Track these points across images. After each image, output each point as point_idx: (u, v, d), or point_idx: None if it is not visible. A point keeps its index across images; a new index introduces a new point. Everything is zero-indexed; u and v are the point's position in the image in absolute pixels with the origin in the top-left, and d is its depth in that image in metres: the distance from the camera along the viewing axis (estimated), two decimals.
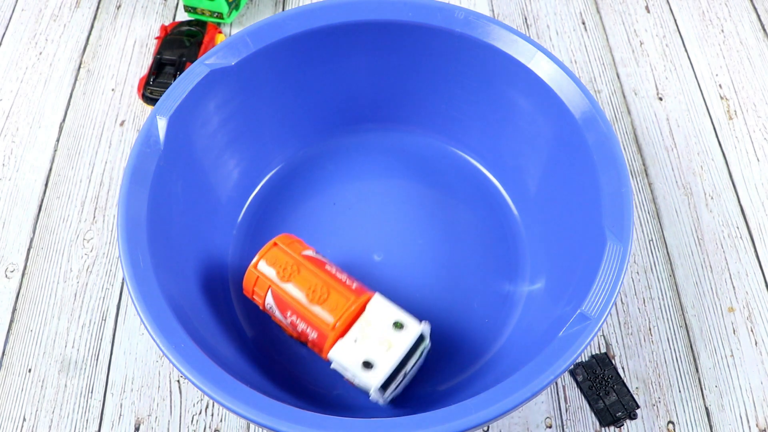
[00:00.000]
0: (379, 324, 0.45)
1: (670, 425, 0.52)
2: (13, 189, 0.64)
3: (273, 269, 0.48)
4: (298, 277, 0.47)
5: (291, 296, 0.47)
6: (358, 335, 0.45)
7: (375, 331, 0.45)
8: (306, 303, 0.46)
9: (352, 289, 0.47)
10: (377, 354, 0.44)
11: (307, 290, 0.47)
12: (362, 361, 0.44)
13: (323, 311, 0.46)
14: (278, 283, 0.48)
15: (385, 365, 0.44)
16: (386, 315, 0.45)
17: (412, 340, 0.45)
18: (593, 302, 0.42)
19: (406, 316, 0.46)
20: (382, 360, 0.44)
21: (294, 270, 0.48)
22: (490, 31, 0.53)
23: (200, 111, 0.52)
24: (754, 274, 0.59)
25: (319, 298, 0.46)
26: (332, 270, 0.49)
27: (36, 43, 0.74)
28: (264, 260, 0.49)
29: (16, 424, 0.52)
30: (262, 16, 0.76)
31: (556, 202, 0.55)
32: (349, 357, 0.44)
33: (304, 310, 0.47)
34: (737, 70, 0.72)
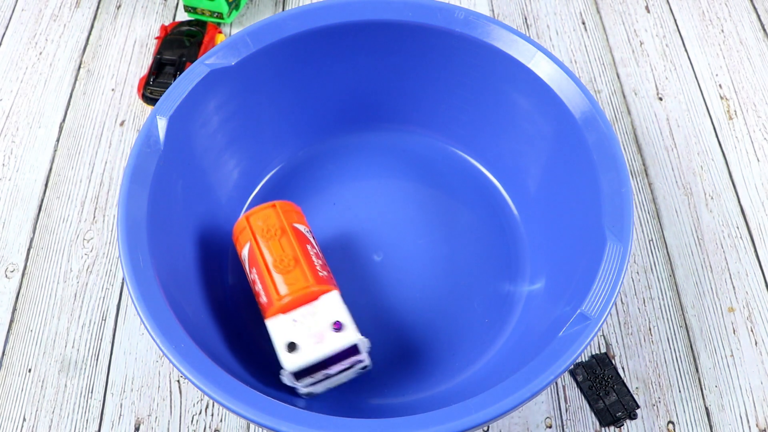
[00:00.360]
0: (323, 317, 0.46)
1: (670, 425, 0.52)
2: (13, 189, 0.64)
3: (260, 226, 0.49)
4: (276, 242, 0.48)
5: (262, 256, 0.48)
6: (299, 318, 0.46)
7: (315, 322, 0.45)
8: (271, 268, 0.47)
9: (318, 275, 0.48)
10: (306, 343, 0.45)
11: (277, 257, 0.47)
12: (289, 342, 0.45)
13: (281, 281, 0.47)
14: (258, 241, 0.49)
15: (306, 356, 0.44)
16: (333, 313, 0.46)
17: (343, 346, 0.45)
18: (593, 302, 0.42)
19: (350, 322, 0.46)
20: (306, 350, 0.45)
21: (276, 234, 0.48)
22: (490, 31, 0.53)
23: (200, 111, 0.52)
24: (754, 274, 0.59)
25: (284, 269, 0.47)
26: (311, 251, 0.49)
27: (36, 43, 0.74)
28: (257, 216, 0.50)
29: (16, 424, 0.52)
30: (262, 16, 0.76)
31: (556, 202, 0.55)
32: (281, 333, 0.45)
33: (267, 273, 0.47)
34: (737, 70, 0.72)
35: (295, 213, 0.51)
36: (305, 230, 0.51)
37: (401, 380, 0.52)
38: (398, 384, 0.52)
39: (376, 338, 0.54)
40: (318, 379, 0.46)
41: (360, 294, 0.56)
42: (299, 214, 0.52)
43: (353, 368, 0.48)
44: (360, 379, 0.52)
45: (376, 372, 0.53)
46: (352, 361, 0.47)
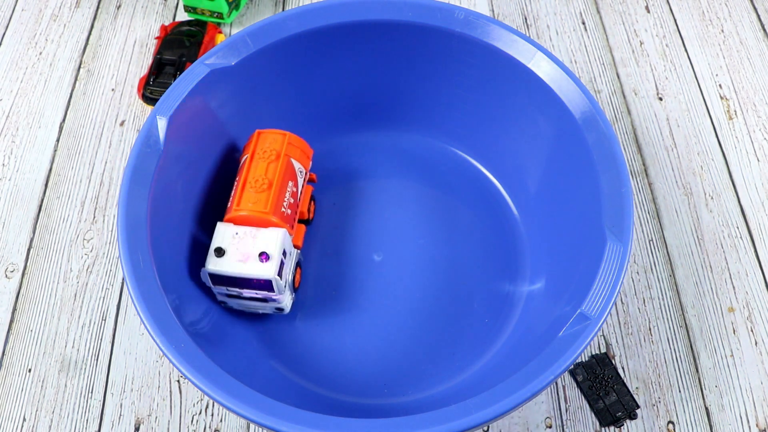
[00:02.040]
0: (258, 244, 0.49)
1: (670, 425, 0.52)
2: (13, 189, 0.64)
3: (262, 146, 0.53)
4: (264, 163, 0.51)
5: (247, 169, 0.52)
6: (241, 234, 0.50)
7: (250, 245, 0.49)
8: (247, 181, 0.51)
9: (279, 209, 0.51)
10: (232, 256, 0.49)
11: (258, 176, 0.51)
12: (219, 247, 0.49)
13: (246, 197, 0.50)
14: (253, 156, 0.52)
15: (224, 266, 0.48)
16: (268, 245, 0.49)
17: (257, 275, 0.48)
18: (593, 302, 0.42)
19: (276, 261, 0.49)
20: (228, 261, 0.49)
21: (269, 158, 0.52)
22: (490, 31, 0.53)
23: (200, 111, 0.52)
24: (754, 274, 0.59)
25: (256, 188, 0.50)
26: (290, 188, 0.52)
27: (36, 43, 0.74)
28: (265, 135, 0.53)
29: (16, 424, 0.52)
30: (262, 16, 0.76)
31: (556, 202, 0.55)
32: (220, 237, 0.50)
33: (241, 184, 0.51)
34: (737, 70, 0.72)
35: (300, 150, 0.54)
36: (300, 169, 0.53)
37: (401, 380, 0.52)
38: (398, 384, 0.52)
39: (376, 338, 0.54)
40: (232, 294, 0.51)
41: (360, 294, 0.56)
42: (304, 153, 0.54)
43: (268, 303, 0.51)
44: (360, 379, 0.52)
45: (377, 372, 0.53)
46: (266, 295, 0.50)
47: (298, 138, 0.54)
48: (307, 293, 0.56)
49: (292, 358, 0.53)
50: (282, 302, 0.51)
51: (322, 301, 0.56)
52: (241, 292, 0.50)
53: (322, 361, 0.53)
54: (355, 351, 0.54)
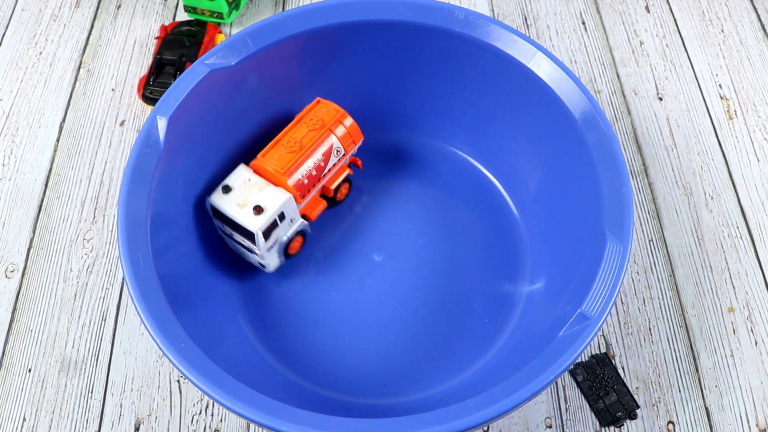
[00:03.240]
0: (259, 198, 0.51)
1: (670, 425, 0.52)
2: (13, 189, 0.64)
3: (316, 113, 0.55)
4: (306, 130, 0.54)
5: (290, 128, 0.54)
6: (253, 181, 0.52)
7: (254, 195, 0.52)
8: (284, 138, 0.54)
9: (295, 175, 0.53)
10: (234, 197, 0.52)
11: (294, 137, 0.53)
12: (226, 185, 0.52)
13: (274, 151, 0.53)
14: (302, 118, 0.55)
15: (222, 203, 0.52)
16: (269, 202, 0.51)
17: (242, 222, 0.51)
18: (593, 302, 0.42)
19: (268, 217, 0.51)
20: (228, 201, 0.52)
21: (315, 126, 0.54)
22: (490, 31, 0.53)
23: (200, 111, 0.52)
24: (754, 274, 0.59)
25: (286, 147, 0.53)
26: (317, 161, 0.54)
27: (36, 43, 0.74)
28: (324, 106, 0.55)
29: (16, 424, 0.52)
30: (262, 16, 0.76)
31: (556, 202, 0.55)
32: (234, 177, 0.53)
33: (277, 139, 0.54)
34: (737, 70, 0.72)
35: (348, 132, 0.55)
36: (338, 147, 0.54)
37: (401, 380, 0.52)
38: (398, 384, 0.52)
39: (376, 338, 0.54)
40: (226, 233, 0.54)
41: (360, 294, 0.56)
42: (350, 136, 0.56)
43: (252, 255, 0.54)
44: (360, 379, 0.52)
45: (377, 372, 0.53)
46: (249, 246, 0.52)
47: (351, 121, 0.56)
48: (307, 293, 0.56)
49: (292, 358, 0.53)
50: (264, 259, 0.53)
51: (322, 301, 0.56)
52: (232, 233, 0.53)
53: (322, 361, 0.53)
54: (354, 351, 0.54)
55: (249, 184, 0.52)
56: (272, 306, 0.55)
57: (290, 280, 0.57)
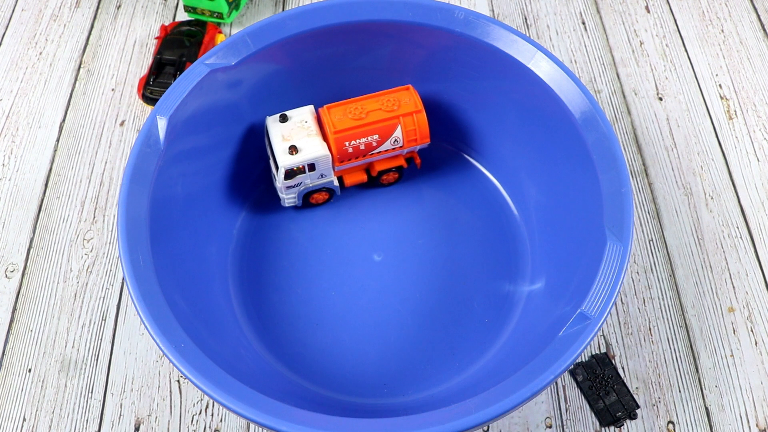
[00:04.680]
0: (302, 141, 0.54)
1: (670, 425, 0.52)
2: (13, 189, 0.64)
3: (397, 97, 0.56)
4: (378, 105, 0.55)
5: (366, 98, 0.56)
6: (307, 126, 0.55)
7: (300, 136, 0.55)
8: (355, 104, 0.55)
9: (343, 142, 0.54)
10: (285, 129, 0.55)
11: (364, 108, 0.55)
12: (284, 115, 0.56)
13: (341, 110, 0.55)
14: (381, 95, 0.56)
15: (273, 129, 0.55)
16: (305, 148, 0.54)
17: (277, 151, 0.54)
18: (593, 302, 0.42)
19: (293, 160, 0.54)
20: (278, 128, 0.55)
21: (387, 108, 0.55)
22: (490, 31, 0.53)
23: (200, 111, 0.52)
24: (754, 274, 0.59)
25: (352, 114, 0.55)
26: (371, 140, 0.55)
27: (36, 43, 0.74)
28: (408, 94, 0.56)
29: (16, 424, 0.52)
30: (262, 16, 0.76)
31: (557, 202, 0.55)
32: (297, 111, 0.56)
33: (348, 102, 0.56)
34: (737, 70, 0.72)
35: (416, 128, 0.56)
36: (398, 137, 0.56)
37: (401, 380, 0.52)
38: (398, 384, 0.52)
39: (376, 338, 0.54)
40: (269, 153, 0.57)
41: (360, 294, 0.56)
42: (415, 132, 0.56)
43: (275, 180, 0.56)
44: (360, 379, 0.52)
45: (376, 372, 0.53)
46: (275, 173, 0.56)
47: (424, 120, 0.56)
48: (307, 293, 0.56)
49: (292, 358, 0.53)
50: (282, 192, 0.57)
51: (322, 301, 0.56)
52: (270, 156, 0.56)
53: (322, 361, 0.53)
54: (354, 351, 0.54)
55: (303, 125, 0.55)
56: (272, 306, 0.55)
57: (290, 279, 0.57)
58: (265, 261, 0.58)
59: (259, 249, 0.58)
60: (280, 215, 0.60)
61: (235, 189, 0.59)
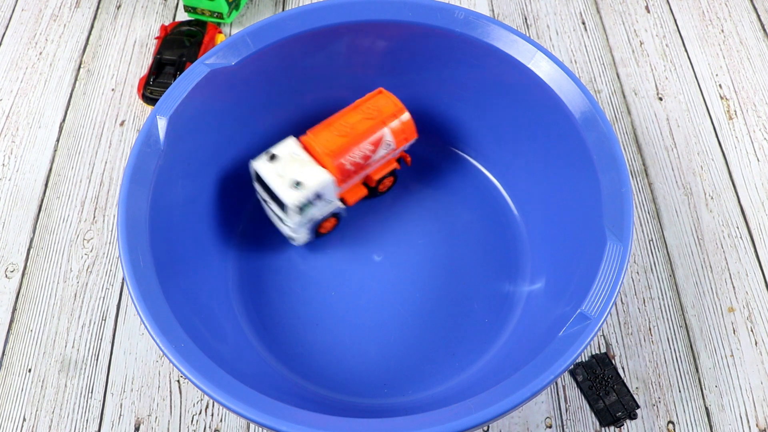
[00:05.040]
0: (301, 173, 0.52)
1: (670, 425, 0.52)
2: (13, 189, 0.64)
3: (374, 103, 0.55)
4: (360, 116, 0.54)
5: (344, 113, 0.55)
6: (298, 157, 0.53)
7: (296, 169, 0.52)
8: (336, 122, 0.54)
9: (340, 161, 0.53)
10: (277, 167, 0.52)
11: (347, 123, 0.54)
12: (273, 154, 0.53)
13: (325, 132, 0.53)
14: (359, 105, 0.55)
15: (264, 169, 0.52)
16: (309, 178, 0.52)
17: (276, 190, 0.52)
18: (593, 302, 0.42)
19: (304, 195, 0.51)
20: (269, 168, 0.52)
21: (369, 116, 0.54)
22: (490, 31, 0.53)
23: (200, 111, 0.52)
24: (754, 274, 0.59)
25: (338, 131, 0.53)
26: (365, 150, 0.54)
27: (36, 43, 0.74)
28: (384, 98, 0.55)
29: (16, 424, 0.52)
30: (262, 16, 0.76)
31: (557, 202, 0.55)
32: (282, 147, 0.53)
33: (328, 121, 0.54)
34: (737, 70, 0.72)
35: (402, 128, 0.55)
36: (389, 141, 0.54)
37: (401, 380, 0.52)
38: (398, 384, 0.52)
39: (376, 338, 0.54)
40: (263, 198, 0.55)
41: (360, 294, 0.56)
42: (403, 132, 0.55)
43: (283, 225, 0.55)
44: (360, 379, 0.52)
45: (377, 372, 0.53)
46: (282, 216, 0.53)
47: (408, 117, 0.55)
48: (307, 293, 0.56)
49: (292, 358, 0.53)
50: (293, 233, 0.55)
51: (322, 301, 0.56)
52: (268, 201, 0.54)
53: (322, 361, 0.53)
54: (355, 351, 0.54)
55: (294, 157, 0.52)
56: (272, 306, 0.56)
57: (290, 279, 0.57)
58: (265, 260, 0.58)
59: (259, 249, 0.58)
60: None
61: (235, 189, 0.59)
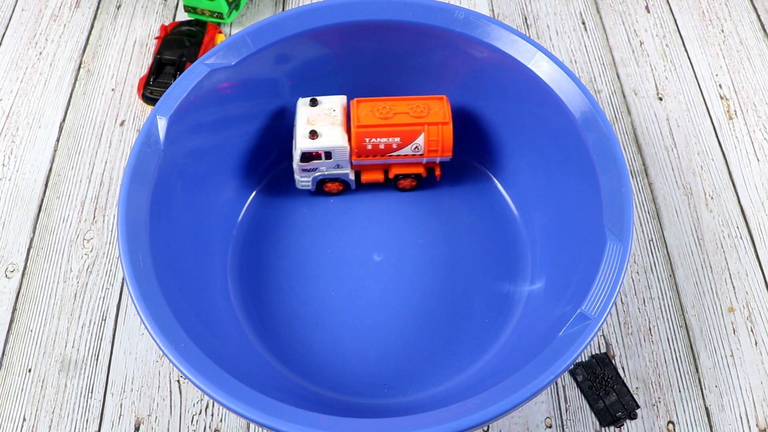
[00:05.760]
0: (324, 128, 0.55)
1: (670, 425, 0.52)
2: (13, 189, 0.64)
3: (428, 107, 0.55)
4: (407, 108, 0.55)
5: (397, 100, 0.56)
6: (335, 114, 0.56)
7: (323, 123, 0.55)
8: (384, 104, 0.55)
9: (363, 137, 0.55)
10: (313, 113, 0.56)
11: (392, 109, 0.55)
12: (315, 99, 0.56)
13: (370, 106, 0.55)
14: (413, 100, 0.56)
15: (300, 112, 0.56)
16: (325, 135, 0.55)
17: (297, 134, 0.55)
18: (593, 302, 0.42)
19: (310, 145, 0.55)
20: (305, 113, 0.56)
21: (416, 113, 0.55)
22: (490, 31, 0.53)
23: (200, 111, 0.52)
24: (754, 274, 0.59)
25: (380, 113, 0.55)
26: (391, 141, 0.55)
27: (36, 43, 0.74)
28: (439, 103, 0.55)
29: (16, 424, 0.52)
30: (262, 16, 0.76)
31: (557, 202, 0.55)
32: (329, 99, 0.56)
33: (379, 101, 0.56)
34: (737, 70, 0.72)
35: (439, 139, 0.56)
36: (418, 145, 0.55)
37: (401, 380, 0.52)
38: (398, 384, 0.52)
39: (376, 338, 0.54)
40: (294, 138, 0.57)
41: (360, 294, 0.56)
42: (438, 143, 0.56)
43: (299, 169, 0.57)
44: (360, 379, 0.52)
45: (377, 372, 0.53)
46: (294, 152, 0.56)
47: (450, 132, 0.55)
48: (307, 293, 0.56)
49: (292, 358, 0.53)
50: (296, 173, 0.57)
51: (322, 301, 0.56)
52: (294, 136, 0.57)
53: (322, 360, 0.53)
54: (355, 351, 0.54)
55: (330, 112, 0.55)
56: (272, 306, 0.55)
57: (290, 279, 0.57)
58: (265, 261, 0.58)
59: (259, 249, 0.58)
60: (280, 217, 0.60)
61: (236, 190, 0.59)
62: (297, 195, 0.61)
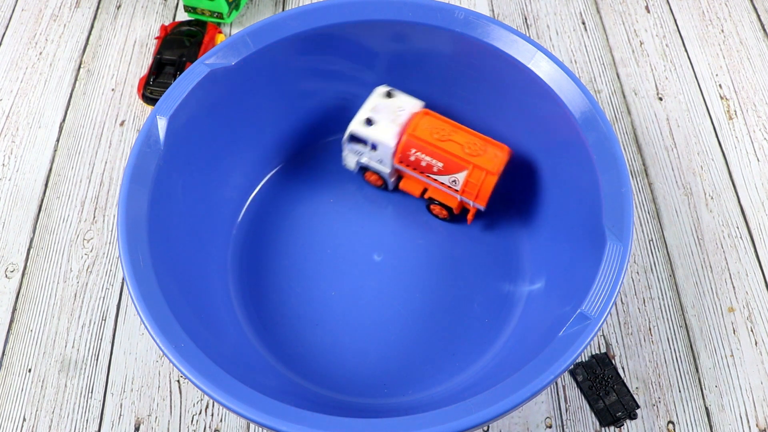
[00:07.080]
0: (382, 120, 0.56)
1: (670, 425, 0.52)
2: (13, 189, 0.64)
3: (481, 147, 0.55)
4: (465, 139, 0.55)
5: (460, 128, 0.56)
6: (399, 112, 0.56)
7: (387, 114, 0.56)
8: (447, 125, 0.55)
9: (410, 149, 0.55)
10: (383, 104, 0.57)
11: (453, 135, 0.55)
12: (391, 93, 0.57)
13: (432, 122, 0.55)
14: (479, 136, 0.56)
15: (371, 98, 0.57)
16: (380, 128, 0.56)
17: (356, 117, 0.56)
18: (593, 302, 0.42)
19: (363, 133, 0.56)
20: (375, 101, 0.57)
21: (472, 149, 0.54)
22: (490, 31, 0.53)
23: (200, 111, 0.52)
24: (754, 274, 0.59)
25: (438, 133, 0.55)
26: (433, 163, 0.55)
27: (36, 43, 0.74)
28: (503, 154, 0.55)
29: (16, 424, 0.52)
30: (262, 16, 0.76)
31: (557, 202, 0.55)
32: (402, 97, 0.57)
33: (444, 121, 0.56)
34: (737, 70, 0.72)
35: (477, 182, 0.54)
36: (454, 180, 0.55)
37: (401, 380, 0.52)
38: (398, 384, 0.52)
39: (376, 338, 0.54)
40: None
41: (360, 294, 0.56)
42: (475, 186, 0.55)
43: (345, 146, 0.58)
44: (360, 379, 0.52)
45: (377, 372, 0.53)
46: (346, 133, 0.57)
47: (491, 184, 0.54)
48: (307, 293, 0.56)
49: (292, 358, 0.53)
50: (343, 150, 0.59)
51: (323, 301, 0.56)
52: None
53: (322, 361, 0.53)
54: (355, 351, 0.54)
55: (397, 110, 0.56)
56: (272, 306, 0.56)
57: (290, 279, 0.57)
58: (265, 261, 0.58)
59: (259, 249, 0.58)
60: (280, 218, 0.60)
61: (236, 189, 0.59)
62: (297, 195, 0.61)
